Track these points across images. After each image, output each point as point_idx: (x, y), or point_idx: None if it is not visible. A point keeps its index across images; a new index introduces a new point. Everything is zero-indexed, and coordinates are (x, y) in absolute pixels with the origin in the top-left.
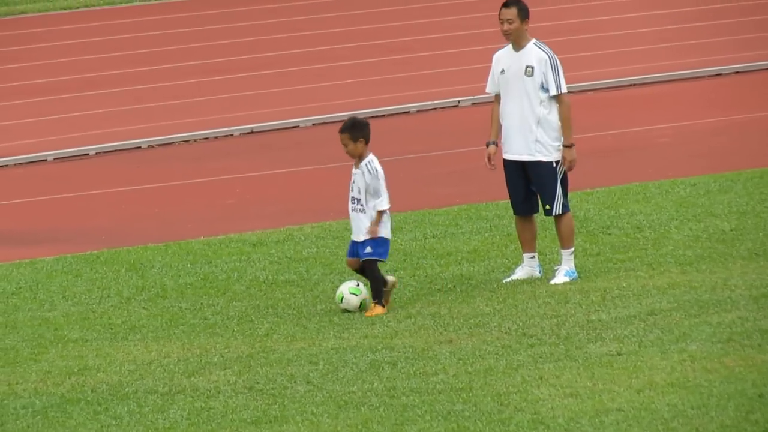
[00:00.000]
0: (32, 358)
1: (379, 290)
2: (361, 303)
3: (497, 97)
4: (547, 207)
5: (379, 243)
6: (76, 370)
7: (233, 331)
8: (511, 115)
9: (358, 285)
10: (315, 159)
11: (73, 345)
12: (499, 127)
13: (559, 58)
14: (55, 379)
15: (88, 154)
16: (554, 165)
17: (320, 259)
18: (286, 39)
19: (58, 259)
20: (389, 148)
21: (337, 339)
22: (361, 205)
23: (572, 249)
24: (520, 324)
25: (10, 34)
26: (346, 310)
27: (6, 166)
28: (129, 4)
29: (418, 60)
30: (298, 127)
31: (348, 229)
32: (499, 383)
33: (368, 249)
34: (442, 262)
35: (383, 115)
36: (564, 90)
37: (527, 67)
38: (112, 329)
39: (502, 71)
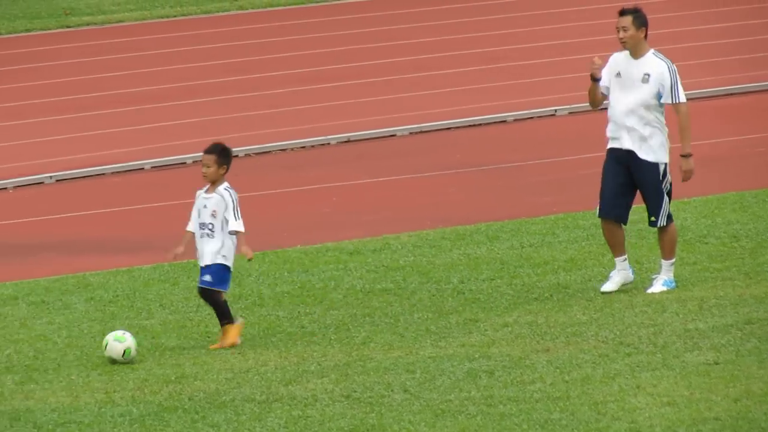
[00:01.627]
0: (130, 366)
1: (225, 312)
2: (125, 351)
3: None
4: (653, 219)
5: (220, 272)
6: (173, 378)
7: (330, 339)
8: (620, 119)
9: (123, 333)
10: (412, 168)
11: (170, 353)
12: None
13: (676, 70)
14: (153, 387)
15: (185, 163)
16: (660, 169)
17: (417, 267)
18: (382, 48)
19: (155, 268)
20: (486, 158)
21: (434, 348)
22: (210, 229)
23: (673, 260)
24: (617, 333)
25: (109, 43)
26: (112, 359)
27: (103, 174)
28: (225, 13)
29: (515, 69)
30: (395, 136)
31: (446, 238)
32: (596, 392)
33: (207, 278)
34: (538, 271)
35: (480, 124)
36: (682, 99)
37: (645, 74)
38: (209, 337)
39: (618, 74)
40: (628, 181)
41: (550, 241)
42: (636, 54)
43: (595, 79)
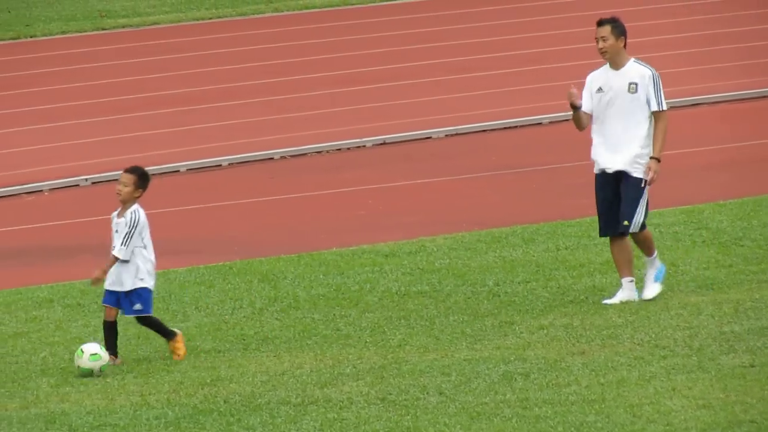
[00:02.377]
0: (165, 369)
1: (165, 329)
2: (101, 368)
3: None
4: (625, 223)
5: (145, 296)
6: (208, 380)
7: (366, 342)
8: (611, 133)
9: (96, 353)
10: (448, 170)
11: (205, 356)
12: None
13: (659, 75)
14: (188, 390)
15: (220, 165)
16: (643, 183)
17: (453, 270)
18: (418, 50)
19: (190, 270)
20: (521, 160)
21: (470, 350)
22: None
23: (655, 253)
24: (653, 335)
25: (144, 45)
26: (81, 369)
27: None
28: (260, 15)
29: (551, 71)
30: (430, 138)
31: (481, 241)
32: (631, 394)
33: (138, 306)
34: (574, 274)
35: (515, 126)
36: (665, 107)
37: (630, 84)
38: (244, 340)
39: (600, 89)
40: (615, 195)
41: (586, 243)
42: (617, 65)
43: (576, 108)
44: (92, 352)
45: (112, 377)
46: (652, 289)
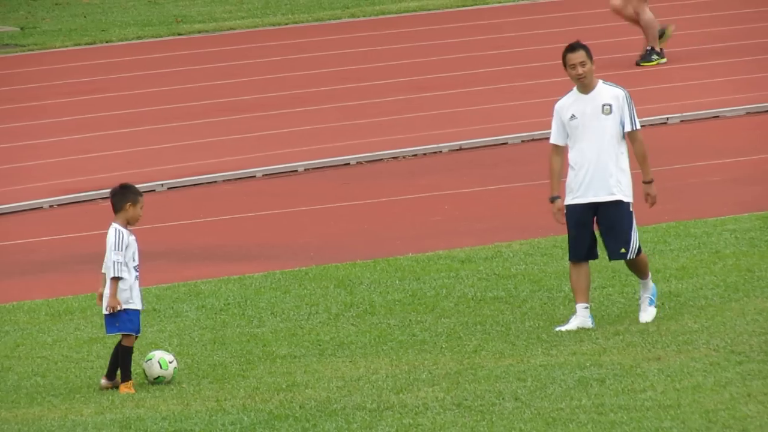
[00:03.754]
0: (240, 374)
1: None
2: (159, 377)
3: (556, 148)
4: (622, 250)
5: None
6: (284, 386)
7: (441, 347)
8: (586, 159)
9: (171, 361)
10: (523, 176)
11: (281, 361)
12: (560, 178)
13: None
14: (263, 396)
15: (296, 171)
16: (631, 207)
17: (529, 275)
18: (493, 56)
19: (266, 276)
20: None
21: (546, 356)
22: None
23: (649, 275)
24: (729, 341)
25: (220, 50)
26: (151, 375)
27: (215, 182)
28: (337, 21)
29: (628, 77)
30: (506, 144)
31: (558, 246)
32: (707, 400)
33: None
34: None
35: None
36: (638, 126)
37: (604, 105)
38: (320, 345)
39: (573, 116)
40: (591, 221)
41: (662, 249)
42: (587, 89)
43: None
44: (161, 359)
45: (188, 383)
46: (648, 314)
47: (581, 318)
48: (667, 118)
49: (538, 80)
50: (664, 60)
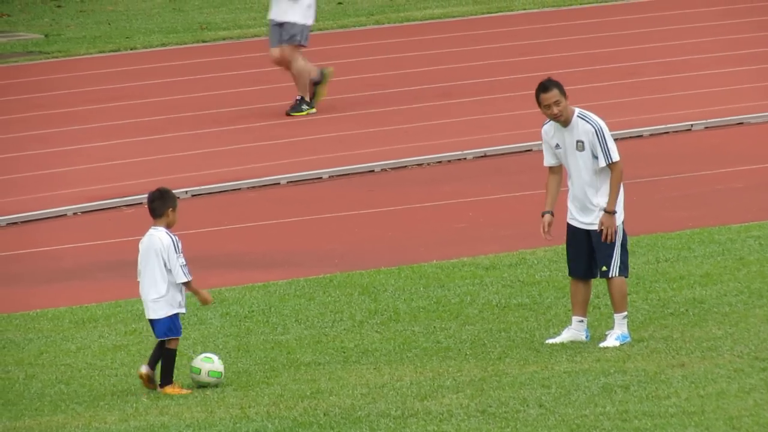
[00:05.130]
0: (265, 382)
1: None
2: (210, 372)
3: (551, 169)
4: (603, 268)
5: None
6: (308, 393)
7: (466, 354)
8: (574, 187)
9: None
10: None
11: (305, 368)
12: (555, 196)
13: (604, 124)
14: (288, 403)
15: (321, 178)
16: (619, 229)
17: (553, 282)
18: (517, 63)
19: (290, 283)
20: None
21: (570, 362)
22: None
23: (625, 313)
24: (753, 347)
25: (245, 57)
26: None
27: (239, 189)
28: (361, 28)
29: (650, 84)
30: (531, 150)
31: None
32: (731, 407)
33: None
34: (674, 286)
35: (615, 139)
36: (615, 158)
37: (578, 142)
38: (344, 353)
39: (557, 146)
40: (585, 240)
41: (686, 255)
42: (566, 122)
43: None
44: (210, 370)
45: (212, 390)
46: (610, 342)
47: (574, 331)
48: (692, 125)
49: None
50: (314, 110)
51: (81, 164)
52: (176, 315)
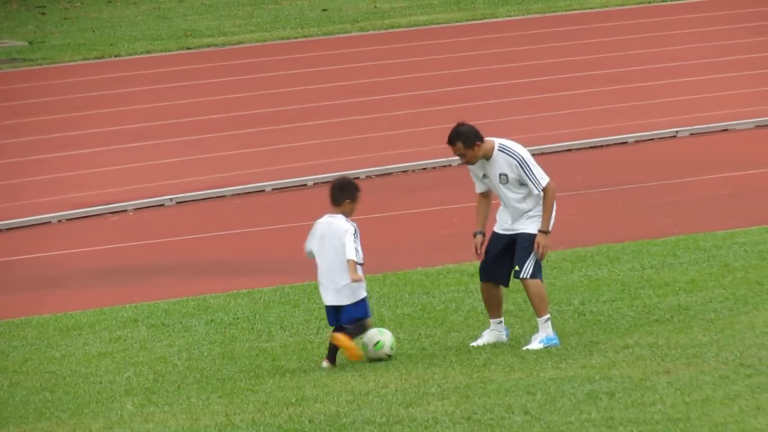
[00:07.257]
0: (250, 389)
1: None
2: (377, 342)
3: (481, 194)
4: (516, 268)
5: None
6: (293, 400)
7: (451, 361)
8: (507, 208)
9: (379, 341)
10: None
11: (290, 375)
12: (486, 216)
13: (526, 154)
14: (273, 410)
15: (306, 185)
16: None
17: None
18: (500, 70)
19: (275, 290)
20: (607, 179)
21: (555, 369)
22: None
23: (547, 316)
24: (738, 354)
25: (229, 64)
26: (371, 353)
27: (224, 196)
28: (346, 35)
29: (636, 90)
30: None
31: (567, 260)
32: (716, 413)
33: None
34: (659, 293)
35: (601, 146)
36: (544, 183)
37: (500, 175)
38: None
39: (484, 176)
40: (510, 247)
41: (671, 262)
42: (486, 157)
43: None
44: (375, 341)
45: (197, 397)
46: (534, 346)
47: (495, 332)
48: (677, 132)
49: (546, 94)
50: None
51: (65, 171)
52: (366, 297)
